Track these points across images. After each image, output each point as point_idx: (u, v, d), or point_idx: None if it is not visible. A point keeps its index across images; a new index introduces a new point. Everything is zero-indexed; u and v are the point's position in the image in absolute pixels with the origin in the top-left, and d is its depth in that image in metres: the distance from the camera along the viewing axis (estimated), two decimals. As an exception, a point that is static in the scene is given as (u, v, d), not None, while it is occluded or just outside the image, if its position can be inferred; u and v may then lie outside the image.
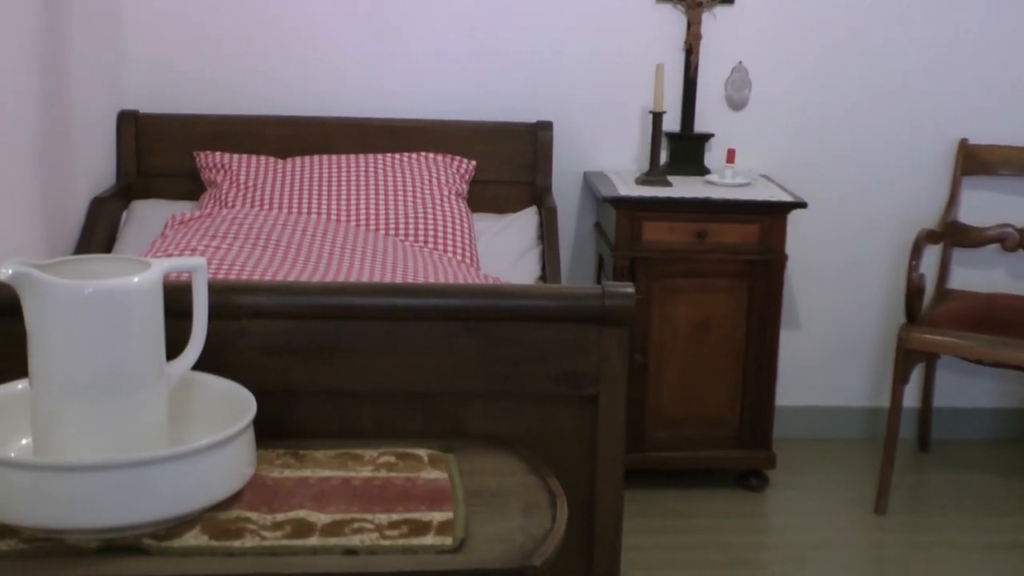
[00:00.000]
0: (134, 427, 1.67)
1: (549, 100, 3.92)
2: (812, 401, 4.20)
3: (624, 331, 1.98)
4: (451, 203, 3.48)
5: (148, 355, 1.68)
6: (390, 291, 2.02)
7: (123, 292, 1.64)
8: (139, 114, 3.73)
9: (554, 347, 1.98)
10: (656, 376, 3.67)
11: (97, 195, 3.49)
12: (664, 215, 3.59)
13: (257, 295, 1.96)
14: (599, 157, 3.99)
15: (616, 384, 1.99)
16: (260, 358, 1.95)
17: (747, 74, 3.97)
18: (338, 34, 3.85)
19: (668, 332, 3.64)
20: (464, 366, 1.98)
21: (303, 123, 3.76)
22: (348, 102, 3.85)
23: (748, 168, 3.98)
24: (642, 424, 3.67)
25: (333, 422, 1.98)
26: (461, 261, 3.26)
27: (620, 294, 1.97)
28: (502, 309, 1.98)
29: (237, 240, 2.96)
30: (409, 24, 3.86)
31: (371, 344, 1.96)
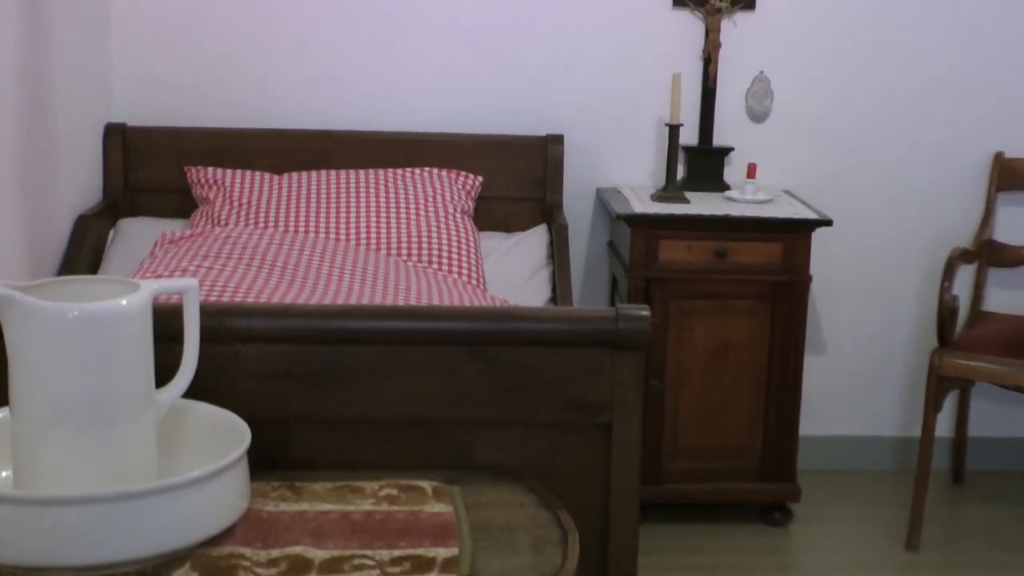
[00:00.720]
0: (121, 458, 1.67)
1: (560, 112, 3.93)
2: (839, 430, 4.19)
3: (639, 356, 1.98)
4: (456, 221, 3.49)
5: (136, 382, 1.68)
6: (392, 314, 2.03)
7: (110, 315, 1.64)
8: (127, 127, 3.75)
9: (565, 373, 1.98)
10: (673, 403, 3.66)
11: (83, 212, 3.50)
12: (681, 233, 3.60)
13: (252, 318, 1.96)
14: (613, 172, 4.00)
15: (631, 412, 1.99)
16: (255, 385, 1.95)
17: (769, 84, 3.98)
18: (338, 42, 3.86)
19: (686, 357, 3.64)
20: (470, 393, 1.98)
21: (300, 136, 3.78)
22: (348, 114, 3.87)
23: (770, 183, 3.99)
24: (658, 454, 3.67)
25: (332, 452, 1.98)
26: (467, 282, 3.26)
27: (635, 317, 1.97)
28: (510, 333, 1.98)
29: (231, 260, 2.96)
30: (412, 32, 3.88)
31: (372, 370, 1.96)
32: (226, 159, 3.71)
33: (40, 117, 3.16)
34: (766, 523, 3.76)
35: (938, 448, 3.89)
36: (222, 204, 3.50)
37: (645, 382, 2.01)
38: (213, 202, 3.53)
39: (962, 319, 3.88)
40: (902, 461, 4.17)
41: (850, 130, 4.03)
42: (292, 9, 3.84)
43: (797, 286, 3.63)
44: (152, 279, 2.49)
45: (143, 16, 3.80)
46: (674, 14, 3.93)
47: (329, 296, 2.80)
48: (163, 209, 3.70)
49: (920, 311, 4.12)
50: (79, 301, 1.65)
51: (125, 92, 3.82)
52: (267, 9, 3.83)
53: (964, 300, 3.95)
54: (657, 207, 3.66)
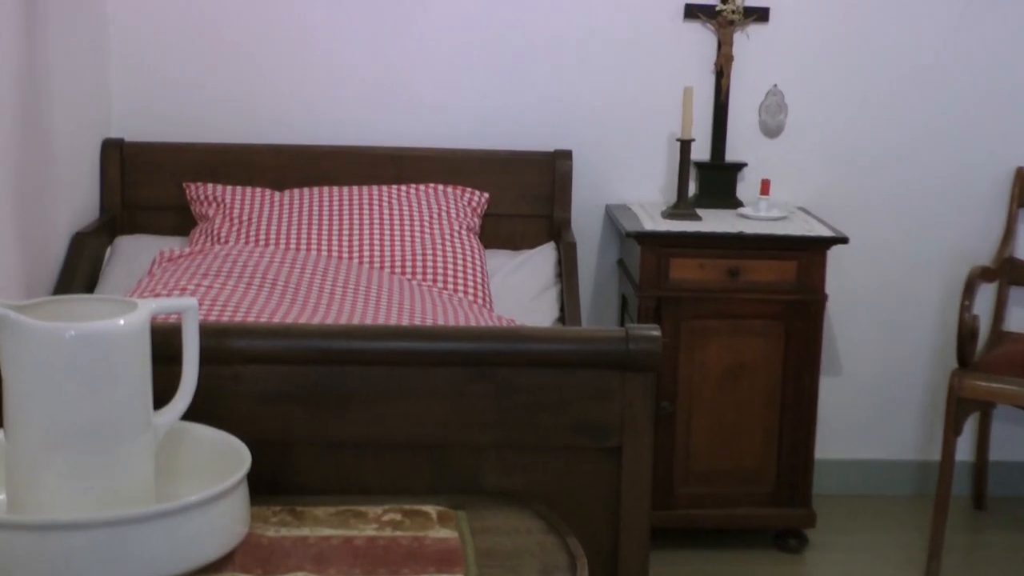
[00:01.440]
0: (118, 482, 1.67)
1: (568, 127, 3.94)
2: (855, 454, 4.19)
3: (650, 377, 1.98)
4: (462, 238, 3.49)
5: (134, 404, 1.69)
6: (396, 334, 2.03)
7: (107, 335, 1.64)
8: (124, 142, 3.76)
9: (574, 395, 1.98)
10: (685, 426, 3.66)
11: (79, 230, 3.51)
12: (693, 251, 3.60)
13: (252, 338, 1.97)
14: (622, 188, 4.00)
15: (641, 435, 1.99)
16: (255, 407, 1.95)
17: (783, 98, 3.99)
18: (339, 56, 3.88)
19: (698, 378, 3.64)
20: (476, 415, 1.98)
21: (302, 152, 3.79)
22: (350, 129, 3.88)
23: (784, 200, 3.99)
24: (669, 478, 3.66)
25: (334, 476, 1.99)
26: (473, 301, 3.27)
27: (645, 337, 1.97)
28: (517, 353, 1.98)
29: (230, 279, 2.97)
30: (417, 45, 3.89)
31: (375, 392, 1.96)
32: (226, 175, 3.72)
33: (36, 132, 3.18)
34: (780, 549, 3.76)
35: (958, 473, 3.88)
36: (222, 221, 3.51)
37: (656, 404, 2.01)
38: (212, 219, 3.54)
39: (983, 339, 3.88)
40: (921, 486, 4.16)
41: (866, 145, 4.03)
42: (294, 23, 3.85)
43: (812, 305, 3.63)
44: (150, 298, 2.50)
45: (142, 30, 3.82)
46: (685, 26, 3.94)
47: (331, 316, 2.81)
48: (161, 226, 3.71)
49: (939, 331, 4.12)
50: (75, 321, 1.66)
51: (123, 107, 3.84)
52: (269, 23, 3.85)
53: (985, 320, 3.95)
54: (668, 224, 3.66)
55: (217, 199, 3.60)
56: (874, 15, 3.96)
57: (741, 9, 3.89)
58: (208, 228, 3.51)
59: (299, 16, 3.85)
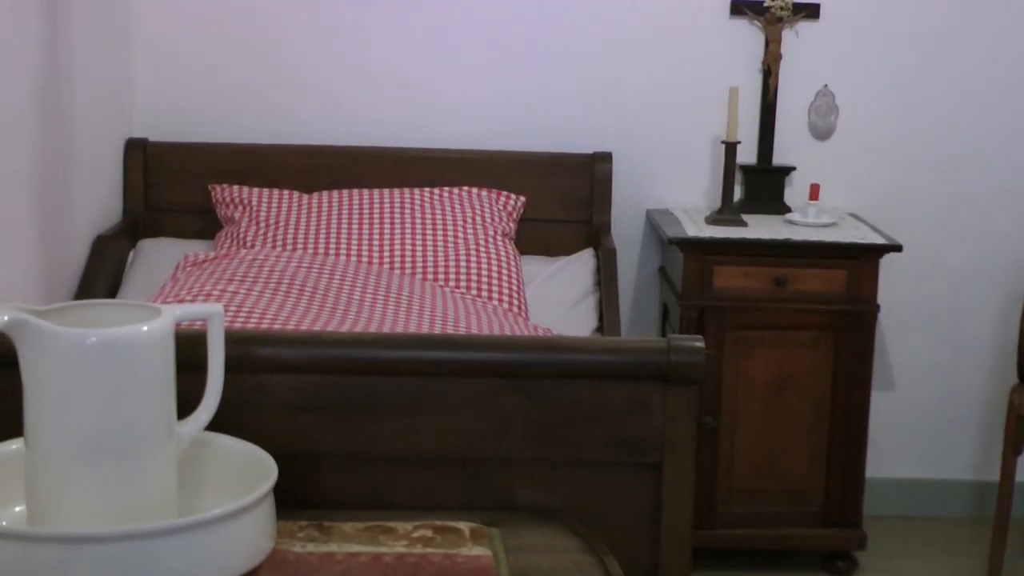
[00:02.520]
0: (140, 493, 1.68)
1: (608, 128, 3.94)
2: (908, 473, 4.16)
3: (692, 390, 1.98)
4: (497, 244, 3.50)
5: (157, 413, 1.70)
6: (428, 343, 2.04)
7: (130, 342, 1.66)
8: (148, 143, 3.79)
9: (613, 408, 1.98)
10: (729, 442, 3.65)
11: (101, 232, 3.54)
12: (738, 259, 3.60)
13: (279, 346, 1.98)
14: (664, 193, 4.00)
15: (683, 451, 1.98)
16: (282, 417, 1.96)
17: (833, 99, 3.98)
18: (371, 54, 3.89)
19: (742, 392, 3.63)
20: (511, 429, 1.98)
21: (331, 153, 3.81)
22: (381, 130, 3.89)
23: (834, 206, 3.98)
24: (712, 497, 3.66)
25: (363, 490, 1.99)
26: (508, 310, 3.27)
27: (688, 348, 1.97)
28: (554, 364, 1.98)
29: (257, 284, 2.99)
30: (450, 44, 3.90)
31: (406, 403, 1.97)
32: (252, 177, 3.74)
33: (58, 132, 3.20)
34: (829, 572, 3.74)
35: (1018, 494, 3.85)
36: (248, 224, 3.53)
37: (698, 419, 2.01)
38: (238, 222, 3.56)
39: (1043, 353, 3.85)
40: (978, 507, 4.13)
41: (921, 148, 4.01)
42: (324, 20, 3.87)
43: (863, 316, 3.61)
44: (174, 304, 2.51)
45: (166, 27, 3.85)
46: (732, 23, 3.94)
47: (361, 323, 2.82)
48: (186, 229, 3.74)
49: (998, 344, 4.09)
50: (97, 327, 1.67)
51: (147, 106, 3.87)
52: (298, 20, 3.87)
53: (1045, 333, 3.92)
54: (712, 230, 3.66)
55: (243, 201, 3.62)
56: (929, 12, 3.94)
57: (790, 5, 3.88)
58: (234, 231, 3.53)
59: (329, 13, 3.87)
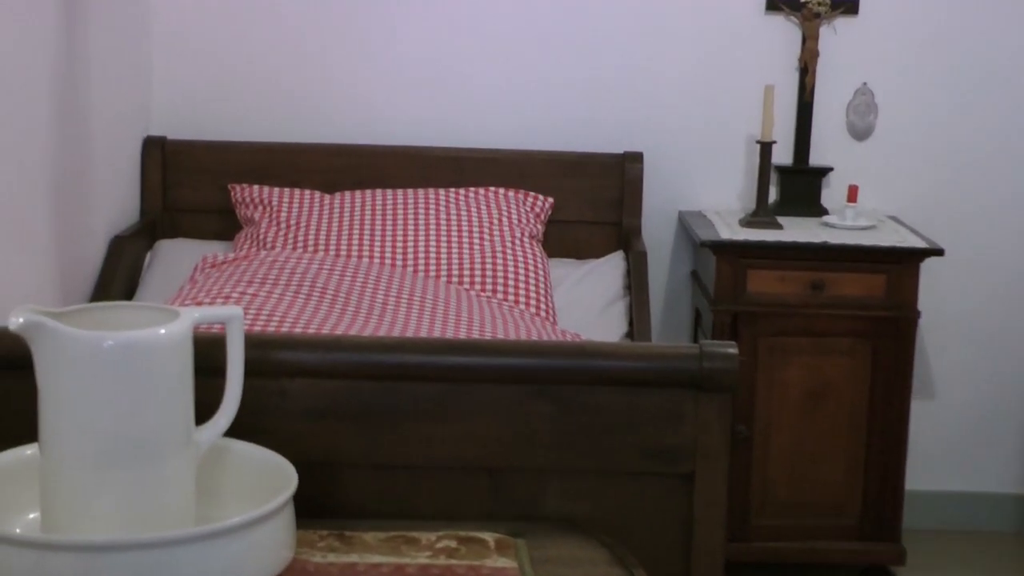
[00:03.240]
0: (157, 501, 1.69)
1: (639, 127, 3.94)
2: (950, 486, 4.14)
3: (725, 398, 1.98)
4: (524, 246, 3.50)
5: (174, 418, 1.70)
6: (453, 348, 2.04)
7: (147, 345, 1.66)
8: (167, 141, 3.80)
9: (643, 416, 1.98)
10: (763, 452, 3.64)
11: (118, 233, 3.56)
12: (773, 263, 3.59)
13: (300, 351, 1.98)
14: (697, 194, 4.00)
15: (716, 460, 1.98)
16: (302, 423, 1.97)
17: (873, 97, 3.96)
18: (395, 51, 3.90)
19: (777, 400, 3.62)
20: (538, 437, 1.98)
21: (354, 152, 3.81)
22: (406, 128, 3.90)
23: (873, 208, 3.97)
24: (746, 508, 3.65)
25: (385, 499, 2.00)
26: (535, 314, 3.27)
27: (721, 355, 1.97)
28: (582, 371, 1.98)
29: (277, 287, 3.00)
30: (478, 40, 3.91)
31: (430, 410, 1.97)
32: (273, 176, 3.75)
33: (74, 130, 3.22)
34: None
35: (1062, 507, 3.84)
36: (268, 225, 3.54)
37: (732, 428, 2.01)
38: (258, 223, 3.57)
39: (1090, 362, 3.84)
40: (1022, 522, 4.11)
41: (963, 148, 4.00)
42: (347, 14, 3.88)
43: (903, 323, 3.60)
44: (192, 306, 2.53)
45: (185, 23, 3.86)
46: (767, 19, 3.93)
47: (384, 327, 2.82)
48: (204, 230, 3.76)
49: (1043, 352, 4.08)
50: (114, 329, 1.67)
51: (165, 103, 3.88)
52: (320, 15, 3.88)
53: (1093, 340, 3.90)
54: (746, 233, 3.65)
55: (264, 202, 3.63)
56: (973, 7, 3.93)
57: (828, 0, 3.87)
58: (254, 233, 3.54)
59: (354, 7, 3.88)
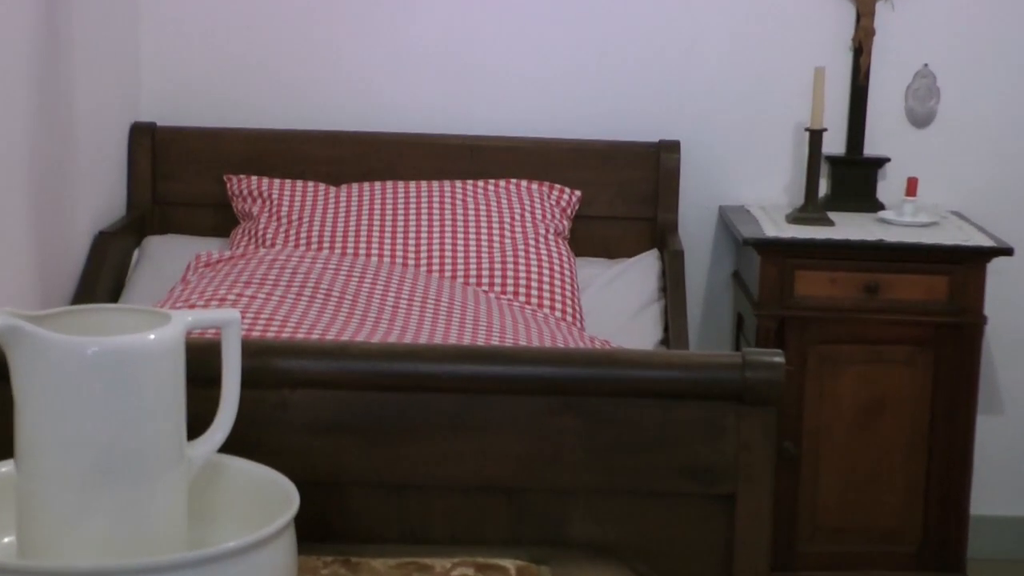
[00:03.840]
0: (146, 523, 1.69)
1: (676, 113, 3.94)
2: (1019, 510, 4.13)
3: (770, 412, 1.98)
4: (548, 244, 3.51)
5: (165, 432, 1.71)
6: (470, 356, 2.04)
7: (136, 352, 1.67)
8: (156, 128, 3.82)
9: (679, 431, 1.98)
10: (811, 472, 3.64)
11: (102, 229, 3.57)
12: (824, 263, 3.59)
13: (303, 358, 1.99)
14: (739, 187, 3.99)
15: (759, 481, 1.98)
16: (305, 438, 1.97)
17: (934, 80, 3.96)
18: (407, 30, 3.91)
19: (828, 415, 3.62)
20: (564, 454, 1.99)
21: (362, 140, 3.82)
22: (419, 114, 3.90)
23: (934, 203, 3.96)
24: (792, 534, 3.64)
25: (396, 522, 2.00)
26: (560, 319, 3.28)
27: (765, 364, 1.97)
28: (613, 381, 1.98)
29: (278, 288, 3.00)
30: (497, 17, 3.91)
31: (446, 423, 1.98)
32: (273, 166, 3.76)
33: (55, 116, 3.23)
34: (926, 622, 3.72)
35: None
36: (268, 220, 3.55)
37: (777, 445, 2.01)
38: (257, 218, 3.58)
39: None
40: (1098, 549, 4.10)
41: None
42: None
43: (968, 329, 3.59)
44: (185, 309, 2.53)
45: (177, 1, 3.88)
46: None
47: (395, 333, 2.83)
48: (198, 225, 3.77)
49: (1123, 363, 4.06)
50: (98, 334, 1.68)
51: (155, 86, 3.89)
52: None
53: None
54: (794, 230, 3.65)
55: (262, 194, 3.64)
56: (1046, -18, 3.92)
57: (885, -26, 3.88)
58: (252, 228, 3.55)
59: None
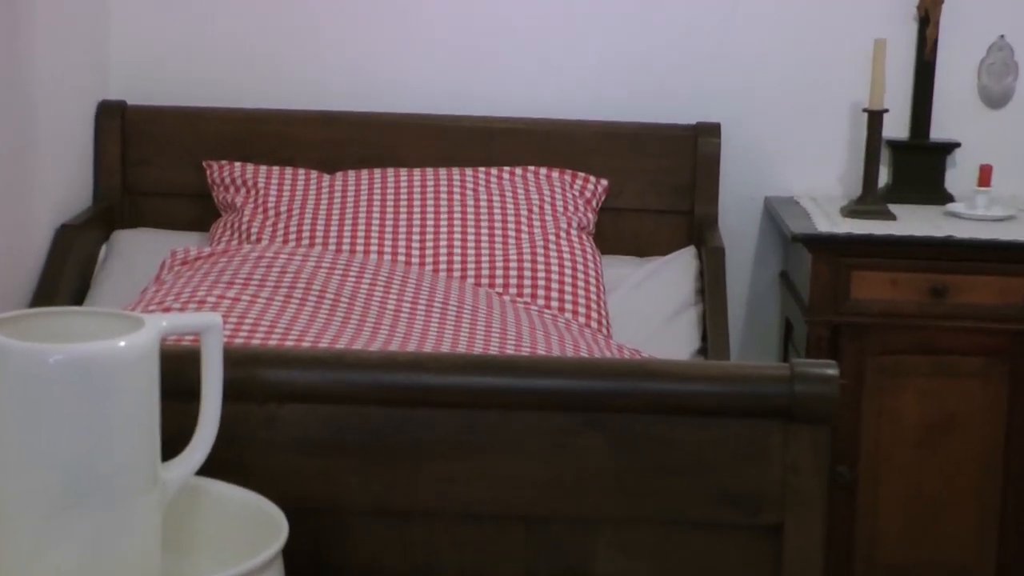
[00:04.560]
0: (115, 553, 1.70)
1: (715, 92, 3.93)
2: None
3: (822, 431, 1.98)
4: (571, 240, 3.50)
5: (136, 451, 1.71)
6: (483, 367, 2.04)
7: (103, 361, 1.67)
8: (127, 107, 3.82)
9: (718, 453, 1.98)
10: (869, 499, 3.63)
11: (66, 221, 3.58)
12: (884, 262, 3.58)
13: (293, 368, 1.99)
14: (788, 176, 3.99)
15: (809, 509, 1.98)
16: (296, 459, 1.98)
17: (1012, 54, 3.95)
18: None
19: (888, 434, 3.61)
20: (588, 478, 1.99)
21: (359, 122, 3.82)
22: (424, 92, 3.90)
23: (1011, 194, 3.95)
24: (848, 570, 3.64)
25: (399, 554, 2.00)
26: (584, 325, 3.27)
27: (817, 377, 1.96)
28: (643, 395, 1.98)
29: (264, 289, 3.00)
30: (514, -19, 3.92)
31: (455, 443, 1.98)
32: (259, 151, 3.76)
33: (13, 93, 3.24)
34: (999, 671, 3.72)
35: None
36: (253, 212, 3.55)
37: (830, 468, 2.00)
38: (241, 209, 3.59)
39: None
40: None
41: None
42: (352, -51, 3.90)
43: (1047, 338, 3.59)
44: (159, 313, 2.54)
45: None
46: (877, -43, 3.93)
47: (397, 340, 2.83)
48: (173, 218, 3.78)
49: None
50: (62, 340, 1.68)
51: (126, 60, 3.89)
52: (318, -51, 3.90)
53: None
54: (850, 225, 3.64)
55: (247, 183, 3.65)
56: None
57: (954, -66, 3.87)
58: (235, 221, 3.56)
59: (359, -59, 3.90)
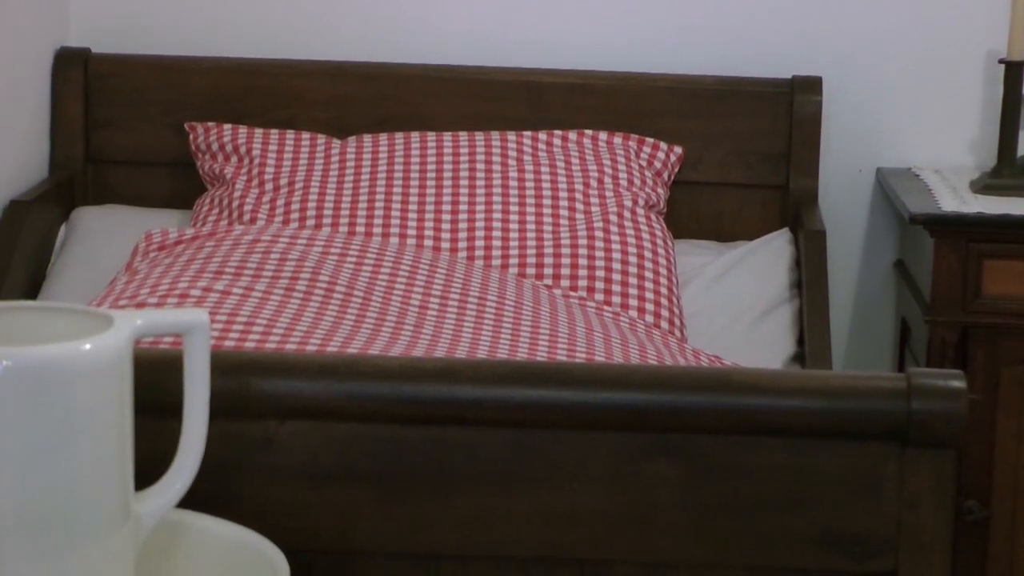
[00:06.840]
0: (80, 602, 1.72)
1: (814, 40, 3.93)
2: None
3: (947, 457, 1.98)
4: (637, 221, 3.50)
5: (104, 477, 1.72)
6: (529, 376, 2.04)
7: (63, 368, 1.68)
8: (90, 55, 3.84)
9: (819, 483, 1.99)
10: (1006, 541, 3.63)
11: (16, 196, 3.60)
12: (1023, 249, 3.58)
13: (296, 377, 2.00)
14: (904, 143, 3.98)
15: (932, 553, 1.98)
16: (299, 489, 1.99)
17: None
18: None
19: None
20: (656, 513, 1.99)
21: (375, 75, 3.84)
22: (453, 39, 3.91)
23: None
24: (979, 627, 3.65)
25: (422, 605, 2.02)
26: (653, 326, 3.28)
27: (940, 391, 1.97)
28: (726, 413, 1.99)
29: (260, 280, 3.01)
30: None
31: (494, 470, 1.99)
32: (253, 111, 3.78)
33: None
34: None
35: None
36: (246, 186, 3.56)
37: (957, 504, 2.00)
38: (231, 182, 3.59)
39: None
40: None
41: None
42: None
43: None
44: (132, 309, 2.55)
45: None
46: None
47: (423, 344, 2.84)
48: (148, 193, 3.80)
49: None
50: (13, 343, 1.70)
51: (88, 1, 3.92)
52: None
53: None
54: (983, 203, 3.64)
55: (238, 150, 3.66)
56: None
57: None
58: (223, 197, 3.57)
59: None
